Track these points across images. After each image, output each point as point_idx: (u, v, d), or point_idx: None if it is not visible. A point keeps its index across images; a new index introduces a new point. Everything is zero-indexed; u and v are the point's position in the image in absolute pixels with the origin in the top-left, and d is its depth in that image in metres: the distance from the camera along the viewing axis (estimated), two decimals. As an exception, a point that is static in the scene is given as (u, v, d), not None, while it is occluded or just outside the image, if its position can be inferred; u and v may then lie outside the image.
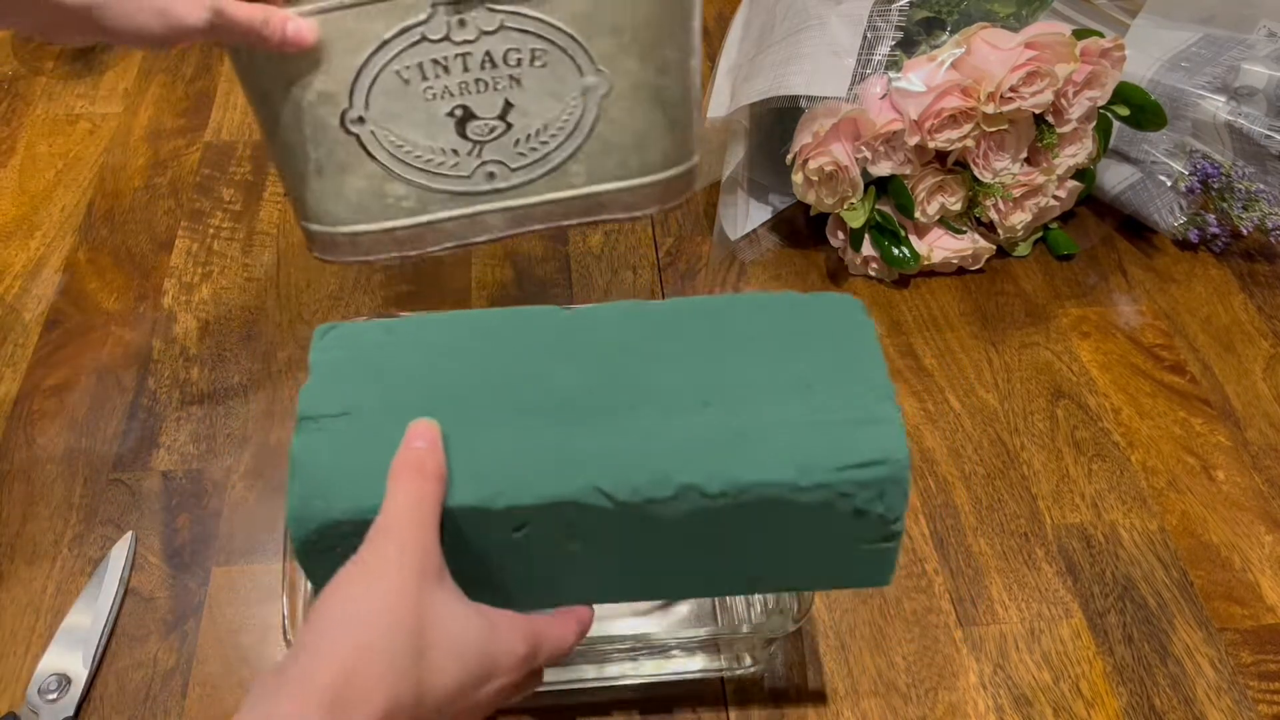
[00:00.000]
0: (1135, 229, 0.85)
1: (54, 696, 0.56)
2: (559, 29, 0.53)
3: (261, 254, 0.82)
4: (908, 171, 0.76)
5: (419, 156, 0.56)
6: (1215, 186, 0.79)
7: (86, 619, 0.59)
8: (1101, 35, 0.76)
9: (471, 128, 0.55)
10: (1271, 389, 0.74)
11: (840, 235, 0.81)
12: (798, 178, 0.77)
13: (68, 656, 0.58)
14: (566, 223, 0.59)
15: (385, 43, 0.52)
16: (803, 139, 0.75)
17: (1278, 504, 0.67)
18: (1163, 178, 0.82)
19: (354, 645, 0.37)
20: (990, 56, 0.73)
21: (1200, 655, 0.60)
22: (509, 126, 0.56)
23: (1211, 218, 0.81)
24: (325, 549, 0.42)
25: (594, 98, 0.55)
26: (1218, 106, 0.78)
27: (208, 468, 0.68)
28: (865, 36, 0.75)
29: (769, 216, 0.86)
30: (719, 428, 0.43)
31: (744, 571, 0.47)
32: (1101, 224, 0.86)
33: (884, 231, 0.78)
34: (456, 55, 0.53)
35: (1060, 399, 0.73)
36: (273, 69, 0.53)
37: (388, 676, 0.37)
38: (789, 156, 0.77)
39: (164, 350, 0.75)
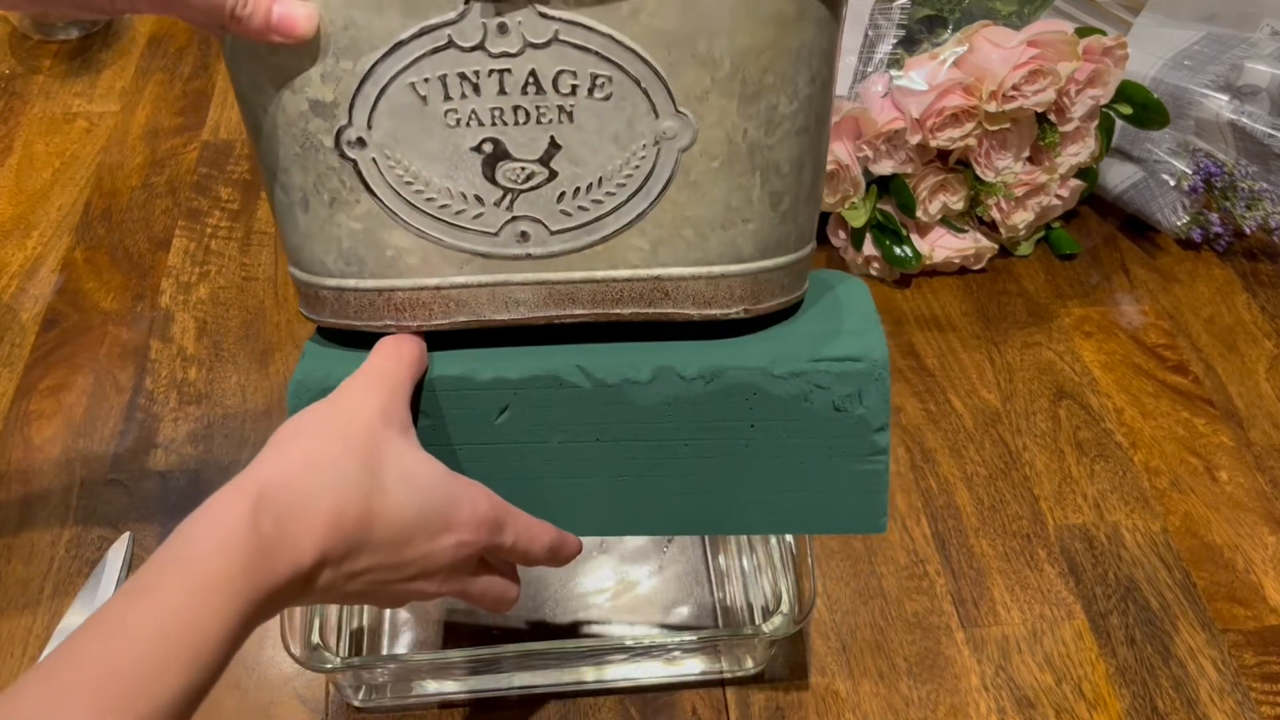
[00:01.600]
0: (1138, 228, 0.85)
1: (51, 699, 0.56)
2: (632, 51, 0.39)
3: (260, 253, 0.82)
4: (909, 170, 0.76)
5: (431, 200, 0.43)
6: (1218, 185, 0.79)
7: (84, 620, 0.59)
8: (1104, 33, 0.75)
9: (503, 170, 0.42)
10: (1275, 389, 0.74)
11: (841, 234, 0.81)
12: (799, 177, 0.77)
13: (64, 658, 0.58)
14: (619, 311, 0.45)
15: (401, 44, 0.40)
16: (804, 138, 0.75)
17: (1281, 505, 0.67)
18: (1165, 177, 0.81)
19: (301, 455, 0.38)
20: (992, 55, 0.72)
21: (1203, 657, 0.60)
22: (553, 174, 0.42)
23: (1214, 217, 0.81)
24: None
25: (670, 149, 0.42)
26: (1221, 105, 0.78)
27: (205, 468, 0.67)
28: (867, 35, 0.75)
29: (770, 215, 0.85)
30: (704, 334, 0.45)
31: (726, 495, 0.46)
32: (1104, 223, 0.86)
33: (885, 231, 0.78)
34: (492, 72, 0.40)
35: (1062, 399, 0.73)
36: (256, 64, 0.41)
37: (332, 487, 0.37)
38: (790, 155, 0.77)
39: (161, 350, 0.75)
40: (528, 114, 0.41)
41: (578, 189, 0.43)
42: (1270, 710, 0.58)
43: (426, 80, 0.41)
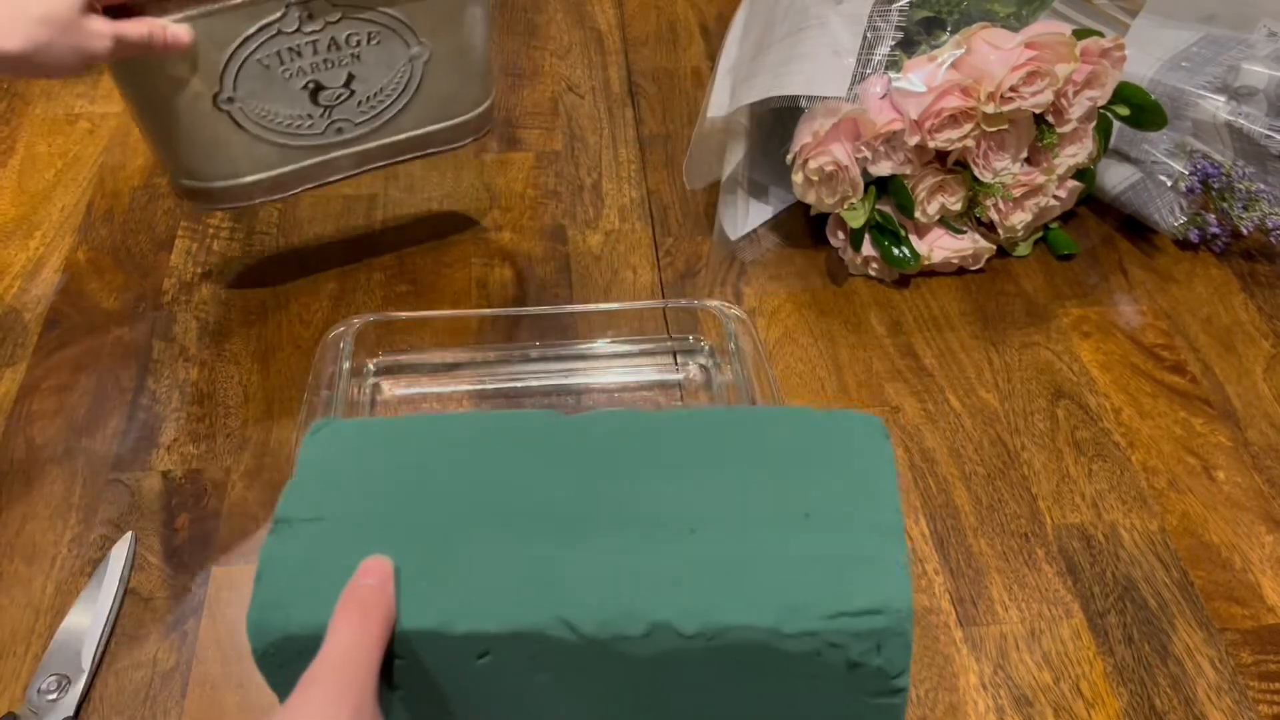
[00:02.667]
0: (1136, 229, 0.85)
1: (54, 696, 0.56)
2: (387, 14, 0.67)
3: (261, 254, 0.82)
4: (908, 171, 0.76)
5: (280, 123, 0.68)
6: (1215, 186, 0.79)
7: (86, 619, 0.59)
8: (1102, 35, 0.76)
9: (322, 96, 0.68)
10: (1272, 389, 0.74)
11: (840, 235, 0.81)
12: (798, 178, 0.77)
13: (68, 656, 0.58)
14: (400, 158, 0.74)
15: (248, 38, 0.64)
16: (803, 139, 0.75)
17: (1278, 504, 0.67)
18: (1163, 178, 0.81)
19: None
20: (990, 56, 0.73)
21: (1201, 655, 0.60)
22: (353, 92, 0.69)
23: (1212, 218, 0.81)
24: (284, 662, 0.41)
25: (419, 64, 0.70)
26: (1218, 106, 0.78)
27: (207, 468, 0.68)
28: (865, 36, 0.75)
29: (769, 216, 0.86)
30: (702, 559, 0.41)
31: None
32: (1102, 224, 0.86)
33: (884, 231, 0.78)
34: (307, 42, 0.66)
35: (1061, 399, 0.73)
36: (154, 70, 0.63)
37: None
38: (789, 156, 0.77)
39: (163, 350, 0.75)
40: (332, 62, 0.67)
41: (369, 96, 0.70)
42: (1268, 709, 0.58)
43: (268, 55, 0.65)
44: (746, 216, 0.85)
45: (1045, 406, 0.73)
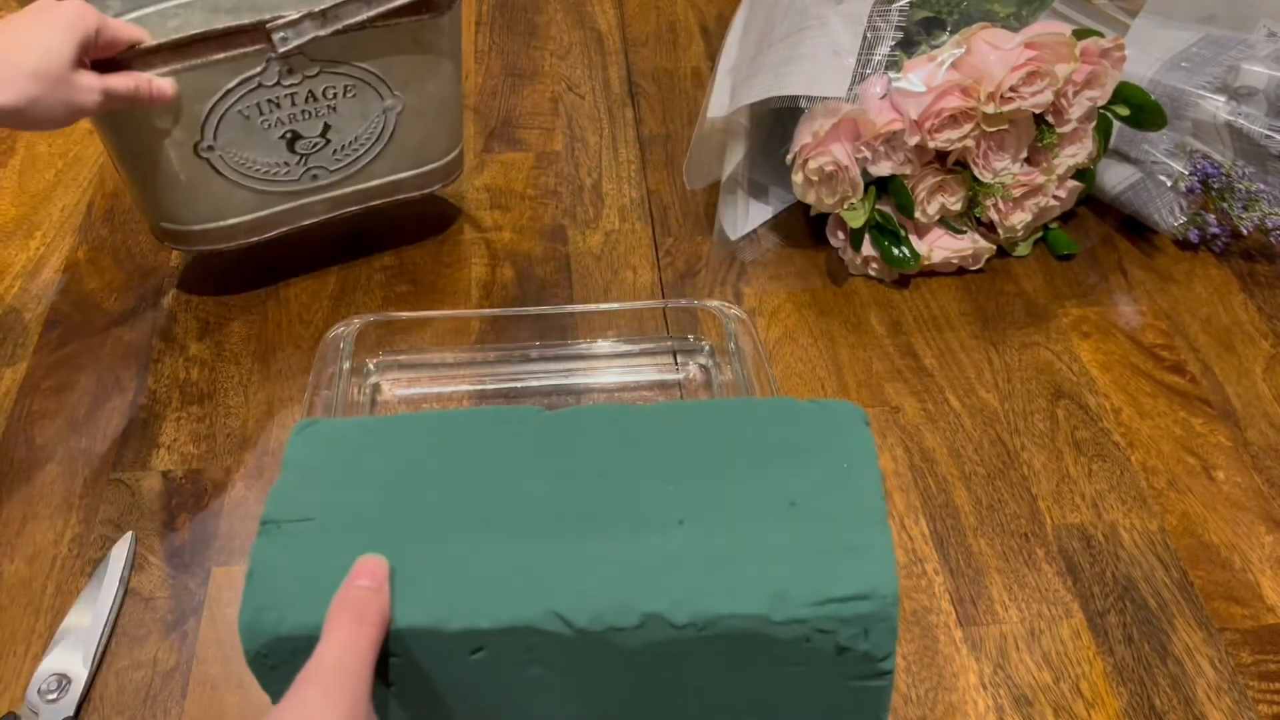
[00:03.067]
0: (1135, 229, 0.85)
1: (54, 696, 0.56)
2: (363, 68, 0.70)
3: (261, 254, 0.82)
4: (908, 171, 0.76)
5: (258, 170, 0.71)
6: (1215, 186, 0.79)
7: (86, 619, 0.59)
8: (1101, 35, 0.76)
9: (299, 145, 0.71)
10: (1272, 389, 0.74)
11: (840, 235, 0.81)
12: (798, 178, 0.77)
13: (68, 656, 0.58)
14: (373, 202, 0.77)
15: (229, 90, 0.67)
16: (803, 139, 0.75)
17: (1278, 504, 0.67)
18: (1163, 178, 0.82)
19: None
20: (990, 56, 0.73)
21: (1200, 655, 0.60)
22: (328, 141, 0.72)
23: (1211, 218, 0.81)
24: (277, 663, 0.41)
25: (392, 115, 0.73)
26: (1218, 106, 0.78)
27: (208, 468, 0.68)
28: (865, 36, 0.75)
29: (769, 216, 0.86)
30: (691, 551, 0.42)
31: (722, 710, 0.44)
32: (1101, 224, 0.86)
33: (884, 231, 0.78)
34: (286, 95, 0.68)
35: (1060, 399, 0.73)
36: (137, 119, 0.66)
37: None
38: (789, 156, 0.77)
39: (164, 350, 0.75)
40: (310, 113, 0.70)
41: (343, 145, 0.73)
42: (1268, 709, 0.58)
43: (248, 106, 0.68)
44: (746, 216, 0.85)
45: (1045, 406, 0.73)
